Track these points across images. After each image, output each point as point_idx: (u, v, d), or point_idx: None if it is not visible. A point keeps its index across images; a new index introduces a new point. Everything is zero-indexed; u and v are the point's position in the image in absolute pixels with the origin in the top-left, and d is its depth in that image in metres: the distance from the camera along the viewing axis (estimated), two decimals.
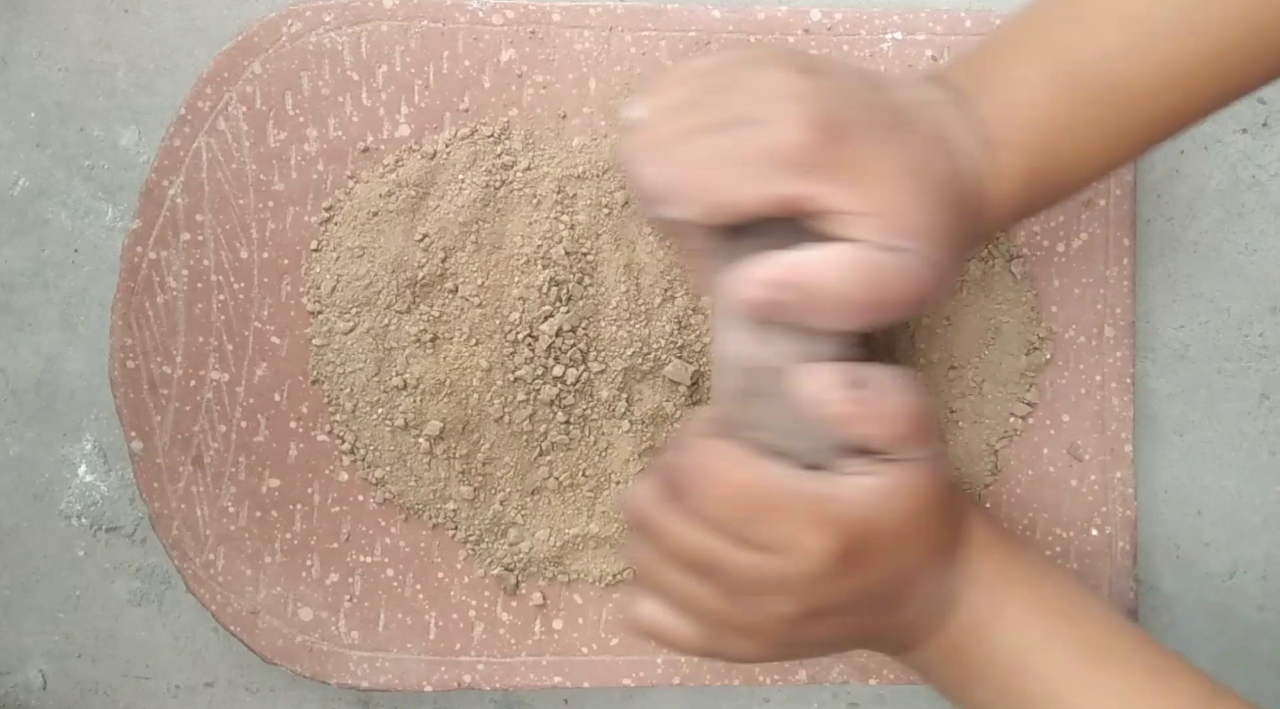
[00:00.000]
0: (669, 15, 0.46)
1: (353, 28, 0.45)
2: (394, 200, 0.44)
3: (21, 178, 0.48)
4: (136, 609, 0.48)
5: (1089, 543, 0.45)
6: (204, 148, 0.45)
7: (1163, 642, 0.48)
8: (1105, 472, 0.45)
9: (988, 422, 0.45)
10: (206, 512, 0.45)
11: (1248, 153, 0.48)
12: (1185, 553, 0.48)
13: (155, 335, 0.45)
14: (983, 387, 0.45)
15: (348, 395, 0.45)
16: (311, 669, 0.45)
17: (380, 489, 0.45)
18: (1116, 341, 0.46)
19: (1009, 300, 0.45)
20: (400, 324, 0.44)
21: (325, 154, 0.45)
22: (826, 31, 0.45)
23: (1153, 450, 0.48)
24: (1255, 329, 0.48)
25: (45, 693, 0.48)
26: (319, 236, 0.45)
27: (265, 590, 0.45)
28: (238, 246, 0.45)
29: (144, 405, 0.45)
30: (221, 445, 0.45)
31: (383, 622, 0.45)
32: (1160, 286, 0.48)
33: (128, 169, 0.48)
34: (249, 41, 0.45)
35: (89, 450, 0.48)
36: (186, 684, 0.48)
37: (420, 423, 0.44)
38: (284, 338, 0.45)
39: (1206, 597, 0.48)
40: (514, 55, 0.46)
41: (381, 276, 0.44)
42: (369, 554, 0.45)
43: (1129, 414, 0.46)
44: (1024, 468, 0.46)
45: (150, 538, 0.48)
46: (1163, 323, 0.48)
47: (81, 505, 0.48)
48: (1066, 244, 0.46)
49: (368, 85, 0.45)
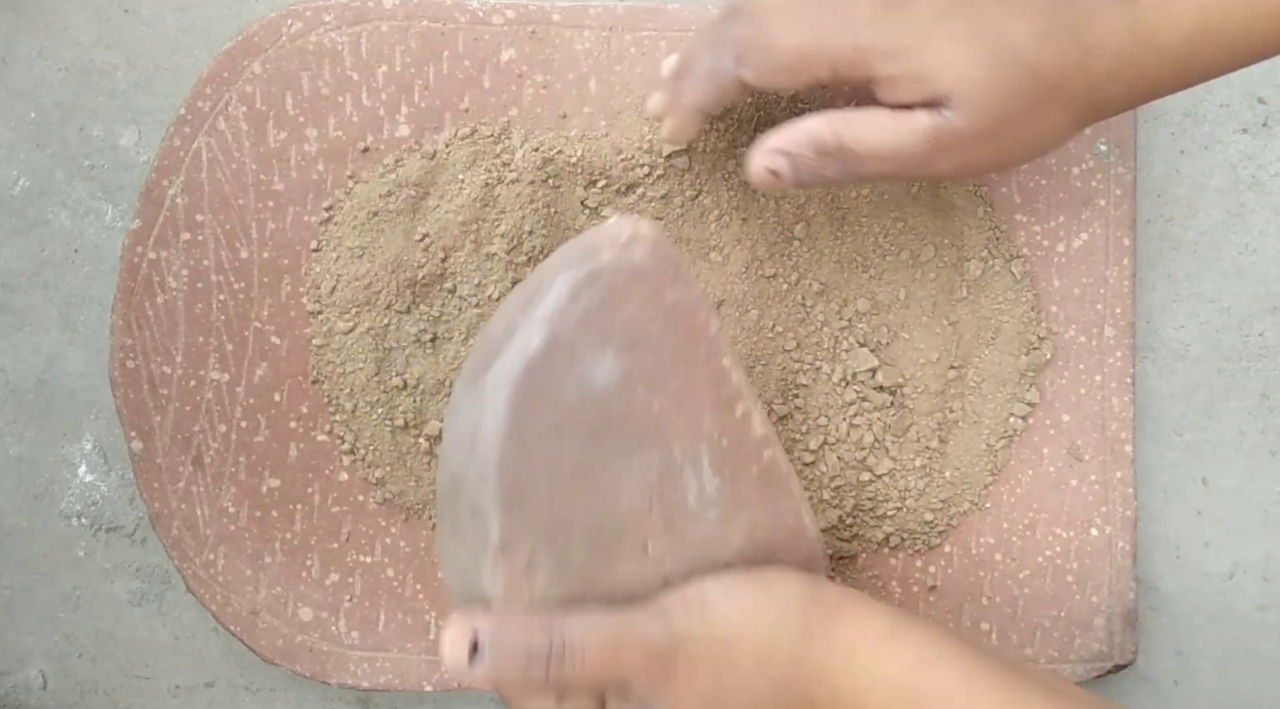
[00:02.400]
0: (669, 15, 0.46)
1: (353, 28, 0.45)
2: (394, 200, 0.44)
3: (21, 178, 0.48)
4: (136, 609, 0.48)
5: (1089, 543, 0.45)
6: (204, 148, 0.45)
7: (1163, 642, 0.48)
8: (1105, 472, 0.45)
9: (987, 422, 0.45)
10: (206, 512, 0.45)
11: (1248, 153, 0.48)
12: (1185, 553, 0.48)
13: (155, 335, 0.45)
14: (982, 386, 0.45)
15: (348, 395, 0.45)
16: (311, 669, 0.45)
17: (380, 489, 0.45)
18: (1116, 342, 0.46)
19: (1009, 300, 0.45)
20: (400, 324, 0.44)
21: (325, 154, 0.45)
22: None
23: (1153, 450, 0.48)
24: (1255, 329, 0.48)
25: (45, 693, 0.48)
26: (319, 236, 0.45)
27: (265, 590, 0.45)
28: (238, 246, 0.45)
29: (144, 405, 0.45)
30: (221, 445, 0.45)
31: (383, 622, 0.45)
32: (1160, 286, 0.48)
33: (128, 169, 0.48)
34: (249, 41, 0.45)
35: (89, 450, 0.48)
36: (186, 684, 0.48)
37: (420, 423, 0.44)
38: (284, 338, 0.45)
39: (1206, 597, 0.48)
40: (514, 55, 0.46)
41: (381, 276, 0.44)
42: (369, 554, 0.45)
43: (1129, 414, 0.46)
44: (1024, 468, 0.45)
45: (150, 538, 0.48)
46: (1163, 323, 0.48)
47: (81, 505, 0.48)
48: (1066, 244, 0.46)
49: (368, 85, 0.45)
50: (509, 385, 0.34)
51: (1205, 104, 0.48)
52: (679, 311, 0.35)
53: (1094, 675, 0.45)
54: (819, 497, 0.44)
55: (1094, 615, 0.45)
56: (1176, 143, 0.48)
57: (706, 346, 0.36)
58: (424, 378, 0.44)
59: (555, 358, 0.34)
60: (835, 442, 0.44)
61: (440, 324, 0.44)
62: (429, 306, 0.44)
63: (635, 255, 0.35)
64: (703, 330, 0.36)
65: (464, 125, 0.45)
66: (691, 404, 0.35)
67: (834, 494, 0.44)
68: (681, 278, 0.35)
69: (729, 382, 0.36)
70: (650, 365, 0.35)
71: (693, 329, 0.36)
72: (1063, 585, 0.45)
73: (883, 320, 0.45)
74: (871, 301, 0.45)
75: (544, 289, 0.35)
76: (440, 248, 0.44)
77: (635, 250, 0.35)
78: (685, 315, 0.35)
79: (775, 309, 0.45)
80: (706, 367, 0.36)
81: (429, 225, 0.44)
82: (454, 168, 0.45)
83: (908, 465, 0.44)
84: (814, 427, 0.44)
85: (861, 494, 0.44)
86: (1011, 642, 0.45)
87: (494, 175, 0.44)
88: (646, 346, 0.35)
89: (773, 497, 0.37)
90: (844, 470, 0.44)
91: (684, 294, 0.35)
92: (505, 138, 0.45)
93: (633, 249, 0.35)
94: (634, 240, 0.35)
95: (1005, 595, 0.45)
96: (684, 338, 0.35)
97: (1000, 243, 0.45)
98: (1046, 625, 0.45)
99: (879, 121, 0.37)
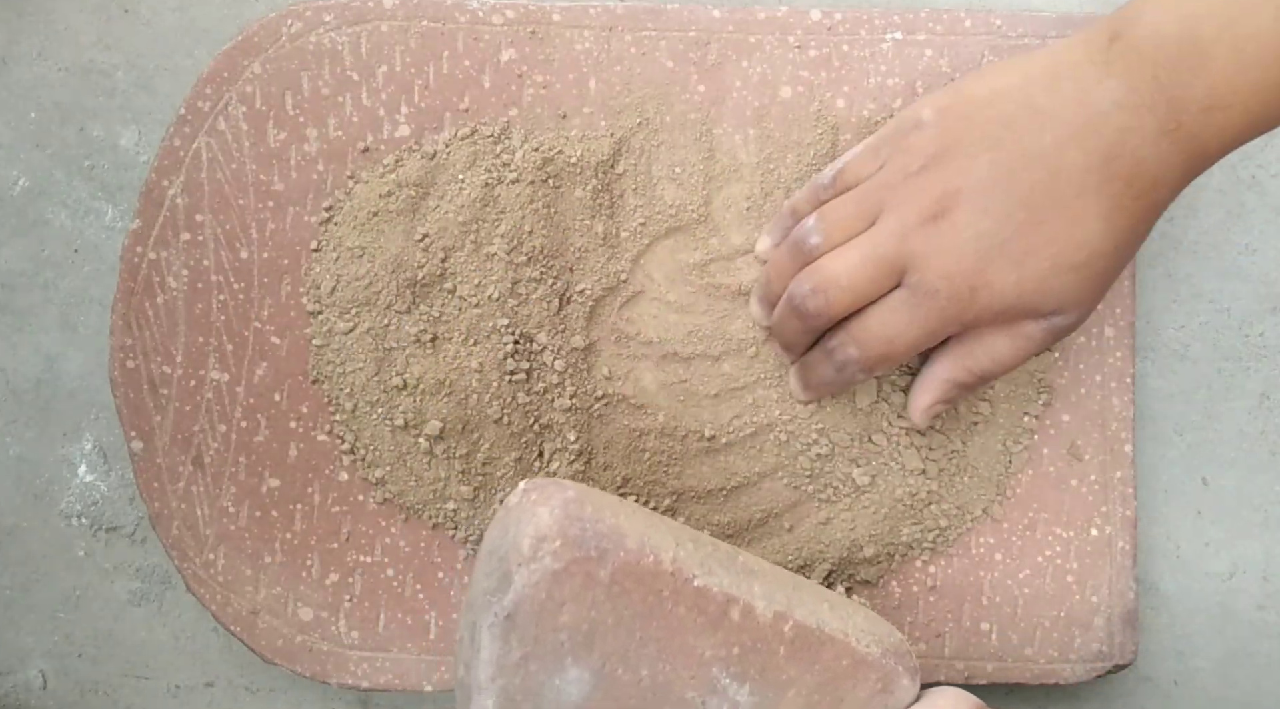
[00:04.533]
0: (669, 15, 0.46)
1: (353, 28, 0.45)
2: (394, 200, 0.44)
3: (21, 178, 0.48)
4: (136, 609, 0.48)
5: (1089, 543, 0.45)
6: (204, 148, 0.45)
7: (1163, 642, 0.48)
8: (1105, 472, 0.45)
9: (1001, 421, 0.45)
10: (206, 512, 0.45)
11: (1248, 153, 0.48)
12: (1185, 553, 0.48)
13: (155, 335, 0.45)
14: (995, 387, 0.45)
15: (348, 395, 0.45)
16: (311, 669, 0.45)
17: (380, 489, 0.45)
18: (1116, 342, 0.46)
19: None
20: (400, 324, 0.44)
21: (325, 154, 0.45)
22: (826, 31, 0.45)
23: (1153, 450, 0.48)
24: (1255, 329, 0.48)
25: (45, 693, 0.48)
26: (319, 236, 0.45)
27: (265, 590, 0.45)
28: (238, 246, 0.45)
29: (144, 405, 0.45)
30: (221, 445, 0.45)
31: (383, 622, 0.45)
32: (1160, 286, 0.48)
33: (128, 169, 0.48)
34: (249, 41, 0.45)
35: (89, 450, 0.48)
36: (186, 684, 0.48)
37: (420, 423, 0.44)
38: (284, 338, 0.45)
39: (1206, 597, 0.48)
40: (514, 55, 0.46)
41: (381, 276, 0.44)
42: (369, 554, 0.45)
43: (1129, 414, 0.46)
44: (1024, 468, 0.46)
45: (150, 538, 0.48)
46: (1163, 323, 0.48)
47: (81, 505, 0.48)
48: None
49: (368, 85, 0.45)
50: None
51: None
52: (622, 578, 0.33)
53: (1094, 675, 0.45)
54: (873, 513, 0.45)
55: (1094, 615, 0.45)
56: None
57: (669, 585, 0.33)
58: (424, 378, 0.44)
59: (520, 703, 0.32)
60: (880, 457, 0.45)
61: (440, 324, 0.44)
62: (429, 306, 0.44)
63: (546, 564, 0.32)
64: (656, 574, 0.33)
65: (464, 125, 0.45)
66: (683, 646, 0.33)
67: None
68: (607, 535, 0.33)
69: (710, 596, 0.33)
70: (619, 649, 0.33)
71: (645, 583, 0.33)
72: (1063, 585, 0.45)
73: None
74: None
75: (476, 643, 0.32)
76: (440, 248, 0.44)
77: (545, 558, 0.32)
78: (630, 577, 0.33)
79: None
80: (680, 603, 0.33)
81: (429, 225, 0.44)
82: (454, 168, 0.45)
83: (931, 471, 0.45)
84: (862, 452, 0.45)
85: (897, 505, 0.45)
86: (1011, 642, 0.45)
87: (494, 175, 0.44)
88: (604, 636, 0.33)
89: (813, 658, 0.35)
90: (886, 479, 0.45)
91: (619, 556, 0.32)
92: (505, 138, 0.45)
93: (542, 558, 0.32)
94: (539, 544, 0.32)
95: (1005, 595, 0.45)
96: (641, 597, 0.33)
97: None
98: (1046, 625, 0.45)
99: (994, 346, 0.39)
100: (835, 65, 0.46)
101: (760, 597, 0.35)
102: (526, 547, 0.32)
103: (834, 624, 0.36)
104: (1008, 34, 0.45)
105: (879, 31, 0.46)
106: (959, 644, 0.45)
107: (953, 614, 0.45)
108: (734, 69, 0.45)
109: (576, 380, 0.45)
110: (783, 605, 0.35)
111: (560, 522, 0.33)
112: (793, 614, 0.35)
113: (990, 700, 0.48)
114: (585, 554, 0.32)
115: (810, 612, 0.36)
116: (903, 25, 0.46)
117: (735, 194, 0.45)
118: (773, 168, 0.45)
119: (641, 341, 0.45)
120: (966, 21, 0.46)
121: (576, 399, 0.45)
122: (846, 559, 0.45)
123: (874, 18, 0.46)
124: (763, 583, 0.35)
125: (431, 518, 0.45)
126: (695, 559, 0.34)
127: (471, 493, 0.45)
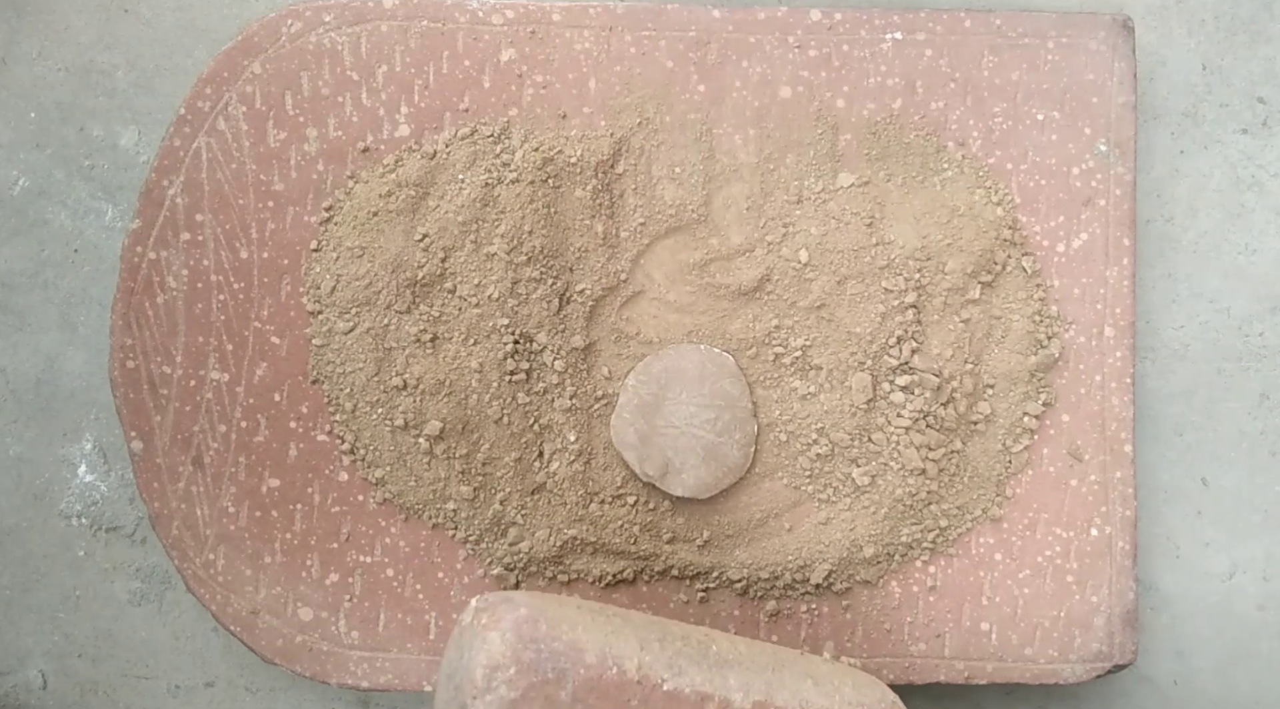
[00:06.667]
0: (669, 15, 0.46)
1: (353, 28, 0.45)
2: (394, 200, 0.44)
3: (21, 178, 0.48)
4: (136, 609, 0.48)
5: (1089, 543, 0.45)
6: (204, 148, 0.45)
7: (1163, 642, 0.48)
8: (1105, 472, 0.45)
9: (1001, 421, 0.45)
10: (206, 512, 0.45)
11: (1248, 153, 0.48)
12: (1185, 553, 0.48)
13: (155, 335, 0.45)
14: (996, 385, 0.45)
15: (348, 395, 0.45)
16: (311, 669, 0.45)
17: (380, 489, 0.45)
18: (1116, 342, 0.46)
19: (1019, 299, 0.45)
20: (400, 324, 0.44)
21: (325, 154, 0.45)
22: (826, 31, 0.45)
23: (1153, 450, 0.48)
24: (1255, 329, 0.48)
25: (45, 693, 0.48)
26: (319, 236, 0.45)
27: (265, 590, 0.45)
28: (238, 246, 0.45)
29: (144, 405, 0.45)
30: (221, 445, 0.45)
31: (383, 622, 0.45)
32: (1160, 286, 0.48)
33: (128, 169, 0.48)
34: (249, 41, 0.45)
35: (89, 450, 0.48)
36: (186, 684, 0.48)
37: (420, 423, 0.44)
38: (284, 338, 0.45)
39: (1206, 597, 0.48)
40: (514, 55, 0.46)
41: (381, 276, 0.44)
42: (369, 554, 0.45)
43: (1129, 414, 0.46)
44: (1024, 468, 0.46)
45: (150, 538, 0.48)
46: (1163, 323, 0.48)
47: (81, 505, 0.48)
48: (1066, 244, 0.46)
49: (368, 85, 0.45)
50: None
51: (1205, 104, 0.48)
52: (585, 695, 0.32)
53: (1094, 675, 0.45)
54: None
55: (1094, 615, 0.45)
56: (1176, 143, 0.48)
57: (637, 693, 0.32)
58: (424, 378, 0.44)
59: None
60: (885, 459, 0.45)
61: (440, 324, 0.44)
62: (429, 306, 0.44)
63: (502, 693, 0.31)
64: (621, 684, 0.32)
65: (464, 125, 0.45)
66: None
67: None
68: (564, 653, 0.32)
69: (682, 699, 0.33)
70: None
71: (611, 695, 0.32)
72: (1063, 585, 0.45)
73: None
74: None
75: None
76: (440, 248, 0.44)
77: (500, 688, 0.31)
78: (594, 692, 0.32)
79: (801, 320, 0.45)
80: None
81: (429, 225, 0.44)
82: (454, 168, 0.45)
83: (931, 471, 0.45)
84: (863, 452, 0.45)
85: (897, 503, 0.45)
86: (1011, 642, 0.45)
87: (494, 175, 0.44)
88: None
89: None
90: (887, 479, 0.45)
91: (580, 673, 0.32)
92: (505, 138, 0.45)
93: (497, 688, 0.31)
94: (493, 674, 0.31)
95: (1005, 595, 0.45)
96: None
97: (1013, 244, 0.45)
98: (1046, 625, 0.45)
99: None
100: (835, 65, 0.46)
101: (736, 689, 0.34)
102: (480, 677, 0.31)
103: (819, 702, 0.35)
104: (1008, 34, 0.46)
105: (879, 31, 0.46)
106: (959, 644, 0.45)
107: (953, 614, 0.45)
108: (734, 69, 0.45)
109: (576, 380, 0.45)
110: (762, 693, 0.34)
111: (513, 646, 0.32)
112: (773, 701, 0.34)
113: (990, 700, 0.48)
114: (543, 677, 0.32)
115: (792, 694, 0.35)
116: (903, 25, 0.46)
117: (735, 194, 0.45)
118: (773, 168, 0.45)
119: (641, 341, 0.45)
120: (966, 21, 0.46)
121: (576, 399, 0.45)
122: (846, 559, 0.45)
123: (874, 18, 0.46)
124: (739, 673, 0.34)
125: (431, 518, 0.45)
126: (663, 660, 0.33)
127: (471, 493, 0.45)
